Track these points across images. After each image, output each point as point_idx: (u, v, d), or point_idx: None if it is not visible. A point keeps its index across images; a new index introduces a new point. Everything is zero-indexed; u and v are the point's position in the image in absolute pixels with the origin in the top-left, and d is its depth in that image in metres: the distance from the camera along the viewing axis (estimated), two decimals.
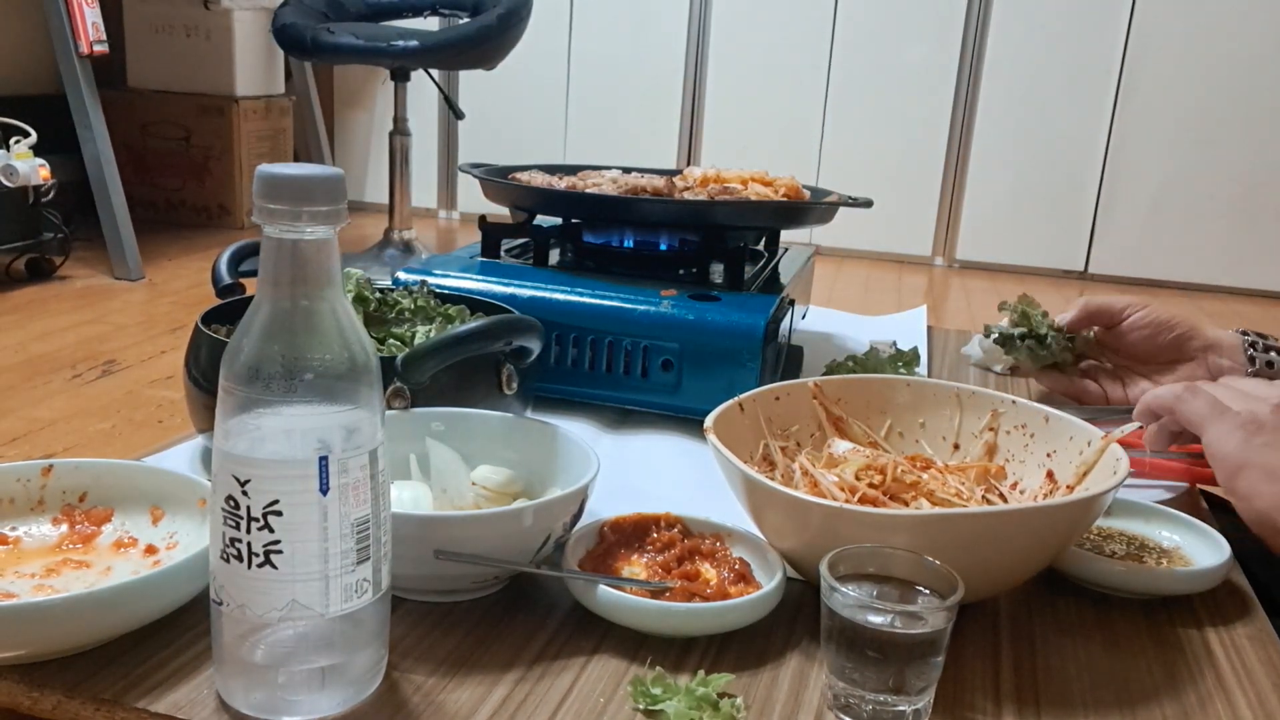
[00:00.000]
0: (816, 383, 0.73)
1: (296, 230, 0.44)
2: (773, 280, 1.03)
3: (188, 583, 0.53)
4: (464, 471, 0.64)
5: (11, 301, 2.49)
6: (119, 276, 2.72)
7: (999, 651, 0.57)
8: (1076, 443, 0.66)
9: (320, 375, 0.45)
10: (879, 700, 0.49)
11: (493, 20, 2.71)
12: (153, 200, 3.56)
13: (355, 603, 0.47)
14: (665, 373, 0.85)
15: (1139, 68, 3.26)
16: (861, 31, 3.42)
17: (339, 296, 0.46)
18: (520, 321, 0.73)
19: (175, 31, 3.47)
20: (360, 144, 4.06)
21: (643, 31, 3.65)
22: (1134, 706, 0.53)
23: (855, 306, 1.79)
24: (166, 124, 3.52)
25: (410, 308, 0.79)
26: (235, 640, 0.47)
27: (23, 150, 2.51)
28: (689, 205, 0.98)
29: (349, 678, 0.48)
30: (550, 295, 0.88)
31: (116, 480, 0.63)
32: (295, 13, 2.77)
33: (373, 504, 0.47)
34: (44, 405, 1.85)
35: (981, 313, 2.94)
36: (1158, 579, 0.63)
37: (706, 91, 3.65)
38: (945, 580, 0.50)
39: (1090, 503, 0.56)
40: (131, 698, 0.48)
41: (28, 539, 0.60)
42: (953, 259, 3.58)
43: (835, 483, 0.62)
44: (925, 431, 0.74)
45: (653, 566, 0.60)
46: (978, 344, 1.11)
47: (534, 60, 3.52)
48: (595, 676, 0.53)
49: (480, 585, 0.59)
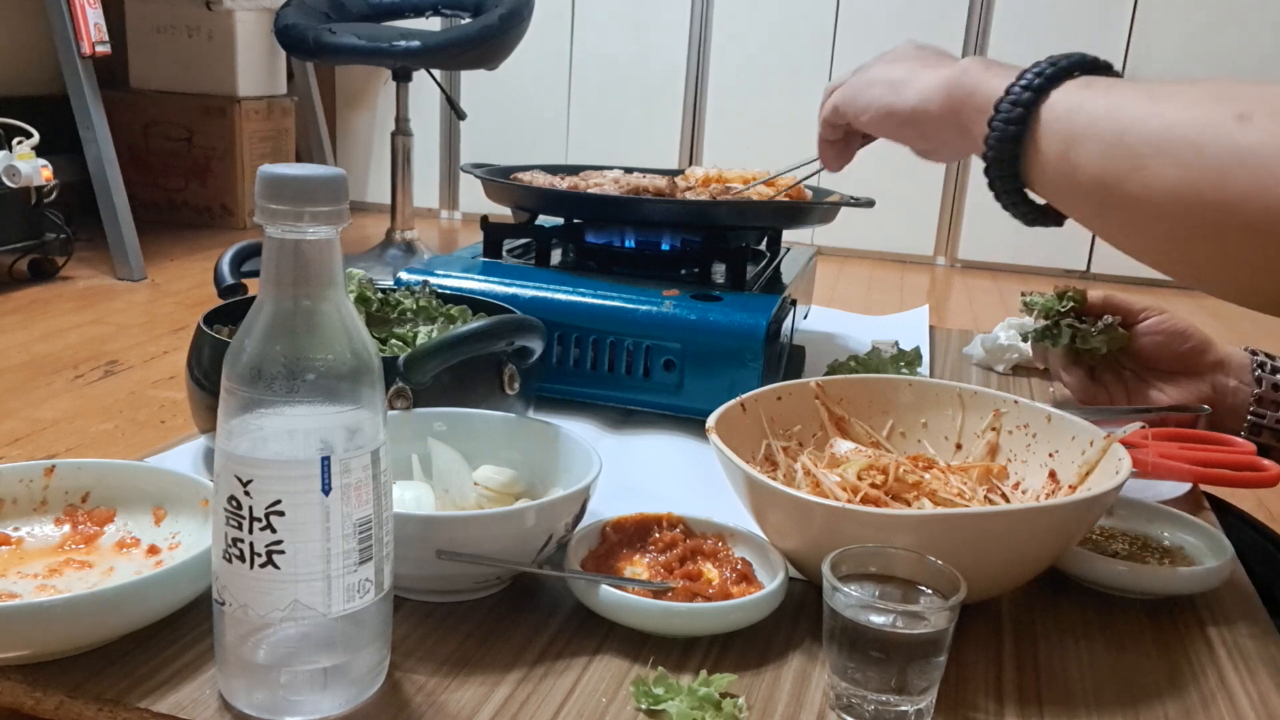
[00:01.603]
0: (819, 382, 0.73)
1: (299, 230, 0.44)
2: (775, 280, 1.03)
3: (190, 583, 0.53)
4: (466, 472, 0.64)
5: (14, 302, 2.49)
6: (121, 277, 2.72)
7: (1001, 651, 0.57)
8: (1079, 442, 0.66)
9: (322, 375, 0.45)
10: (881, 700, 0.49)
11: (494, 20, 2.71)
12: (155, 201, 3.56)
13: (357, 603, 0.47)
14: (667, 373, 0.85)
15: (1141, 66, 3.26)
16: (863, 30, 3.43)
17: (341, 297, 0.46)
18: (522, 322, 0.73)
19: (177, 32, 3.47)
20: (362, 144, 4.06)
21: (644, 31, 3.65)
22: (1136, 706, 0.53)
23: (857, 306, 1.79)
24: (168, 124, 3.52)
25: (412, 308, 0.79)
26: (237, 640, 0.47)
27: (25, 151, 2.52)
28: (691, 205, 0.98)
29: (351, 678, 0.48)
30: (552, 295, 0.88)
31: (119, 480, 0.63)
32: (297, 13, 2.77)
33: (375, 504, 0.47)
34: (46, 406, 1.85)
35: (984, 312, 2.94)
36: (1160, 579, 0.62)
37: (708, 91, 3.65)
38: (947, 580, 0.50)
39: (1093, 502, 0.56)
40: (134, 698, 0.49)
41: (30, 539, 0.60)
42: (955, 258, 3.58)
43: (837, 483, 0.62)
44: (927, 431, 0.73)
45: (655, 566, 0.60)
46: (980, 344, 1.11)
47: (536, 60, 3.52)
48: (597, 677, 0.53)
49: (482, 585, 0.59)
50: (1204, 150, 0.52)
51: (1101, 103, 0.57)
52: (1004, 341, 1.09)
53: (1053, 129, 0.59)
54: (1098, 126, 0.57)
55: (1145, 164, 0.54)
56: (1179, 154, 0.53)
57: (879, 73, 0.72)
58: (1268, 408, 0.84)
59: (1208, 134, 0.52)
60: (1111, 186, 0.57)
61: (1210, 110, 0.52)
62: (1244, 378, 0.87)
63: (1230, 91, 0.53)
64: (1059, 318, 0.93)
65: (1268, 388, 0.85)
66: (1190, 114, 0.53)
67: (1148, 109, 0.55)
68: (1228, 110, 0.51)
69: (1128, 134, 0.55)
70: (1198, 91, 0.54)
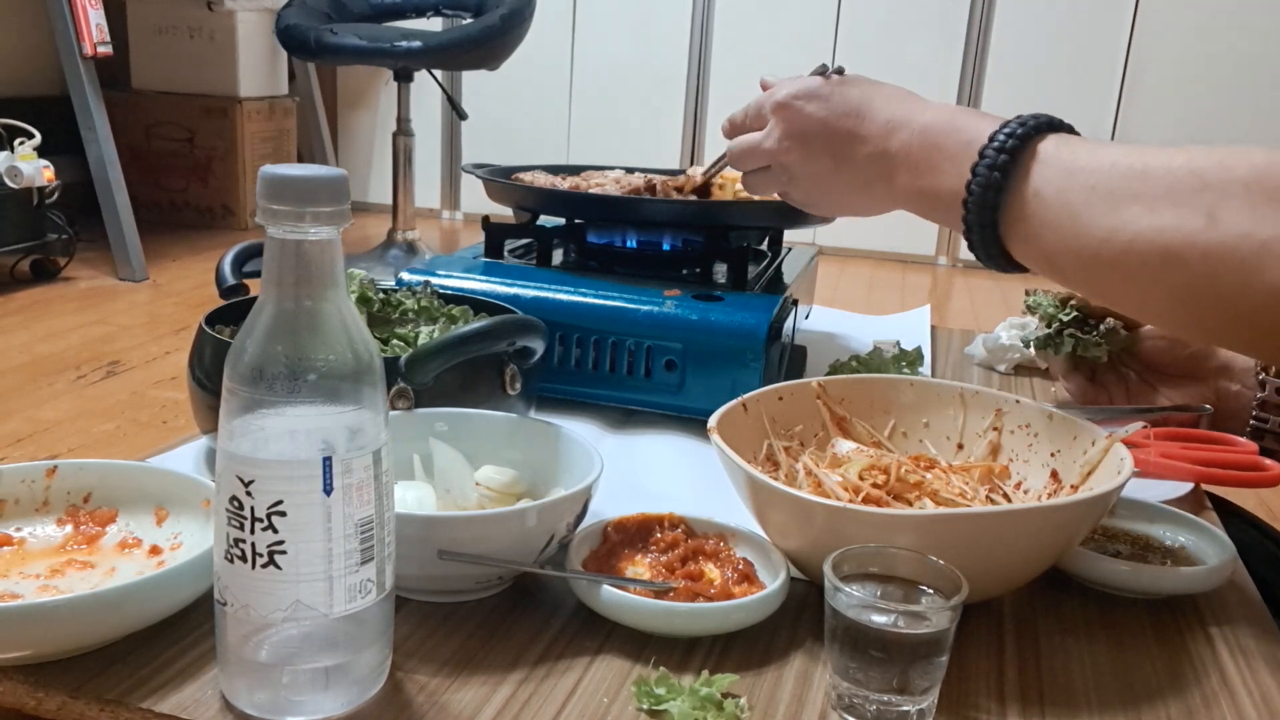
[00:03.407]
0: (820, 382, 0.73)
1: (300, 231, 0.44)
2: (776, 280, 1.03)
3: (192, 583, 0.53)
4: (468, 472, 0.64)
5: (16, 303, 2.49)
6: (123, 277, 2.73)
7: (1003, 651, 0.57)
8: (1080, 442, 0.66)
9: (324, 376, 0.45)
10: (883, 700, 0.49)
11: (496, 20, 2.71)
12: (156, 201, 3.56)
13: (359, 603, 0.47)
14: (669, 373, 0.85)
15: (1143, 64, 3.26)
16: (865, 30, 3.42)
17: (343, 297, 0.46)
18: (524, 322, 0.73)
19: (179, 33, 3.47)
20: (364, 144, 4.06)
21: (646, 31, 3.65)
22: (1138, 706, 0.53)
23: (859, 306, 1.79)
24: (170, 125, 3.52)
25: (414, 308, 0.79)
26: (239, 640, 0.47)
27: (27, 152, 2.52)
28: (692, 205, 0.98)
29: (353, 678, 0.48)
30: (553, 295, 0.88)
31: (121, 481, 0.63)
32: (299, 13, 2.77)
33: (376, 504, 0.47)
34: (48, 406, 1.85)
35: (985, 312, 2.94)
36: (1162, 579, 0.62)
37: (710, 91, 3.65)
38: (949, 580, 0.50)
39: (1094, 502, 0.56)
40: (136, 698, 0.49)
41: (32, 540, 0.60)
42: (956, 258, 3.58)
43: (839, 482, 0.62)
44: (929, 431, 0.73)
45: (656, 566, 0.60)
46: (981, 343, 1.11)
47: (537, 60, 3.52)
48: (599, 677, 0.53)
49: (484, 585, 0.59)
50: (1183, 261, 0.54)
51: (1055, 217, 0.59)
52: (1005, 341, 1.09)
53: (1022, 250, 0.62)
54: (1063, 250, 0.59)
55: (1131, 280, 0.57)
56: (1160, 271, 0.55)
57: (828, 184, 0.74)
58: (1270, 412, 0.84)
59: (1179, 243, 0.54)
60: (1100, 296, 0.62)
61: (1178, 216, 0.54)
62: (1247, 382, 0.86)
63: (1189, 181, 0.54)
64: (1061, 326, 0.93)
65: (1271, 392, 0.85)
66: (1159, 222, 0.54)
67: (1109, 221, 0.56)
68: (1193, 211, 0.53)
69: (1100, 255, 0.57)
70: (1158, 187, 0.55)
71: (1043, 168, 0.60)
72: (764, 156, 0.76)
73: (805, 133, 0.72)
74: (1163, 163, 0.55)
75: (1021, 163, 0.60)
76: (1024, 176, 0.60)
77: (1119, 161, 0.57)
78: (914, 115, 0.67)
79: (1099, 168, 0.58)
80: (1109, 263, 0.57)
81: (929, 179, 0.65)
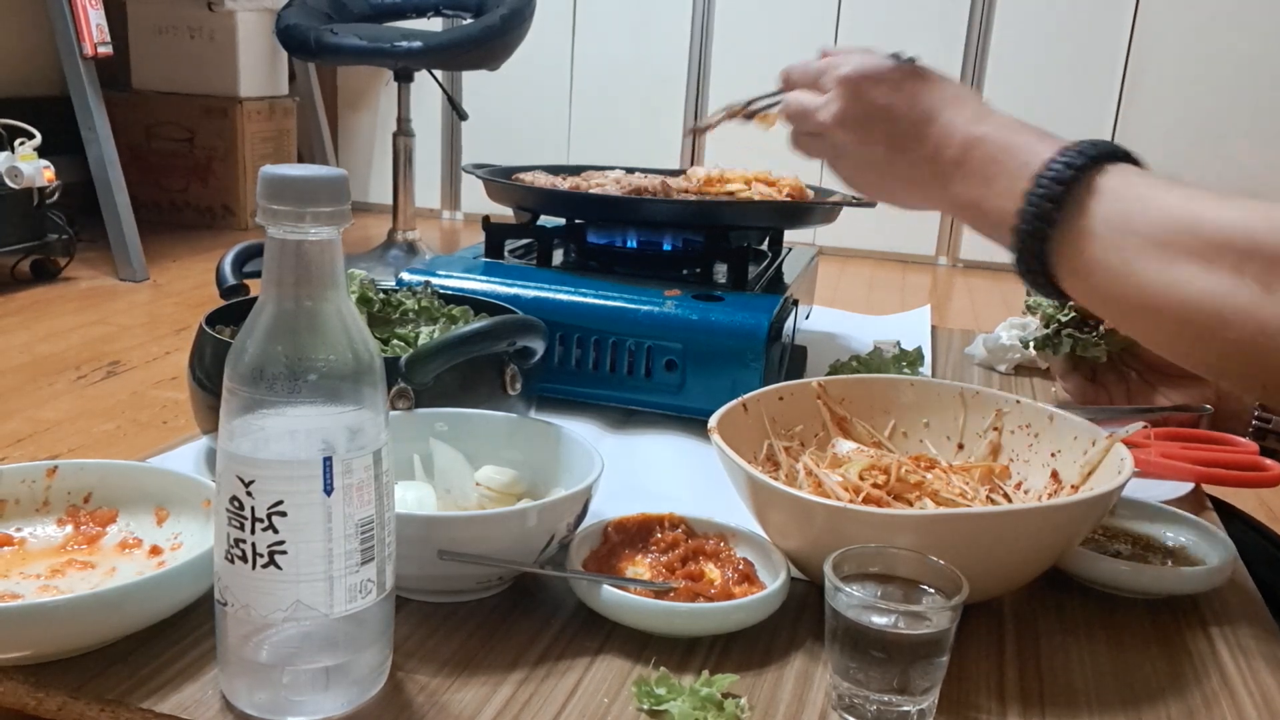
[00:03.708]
0: (820, 382, 0.73)
1: (300, 231, 0.44)
2: (776, 280, 1.03)
3: (192, 583, 0.53)
4: (468, 472, 0.64)
5: (16, 303, 2.49)
6: (123, 278, 2.73)
7: (1003, 651, 0.57)
8: (1081, 442, 0.66)
9: (324, 376, 0.45)
10: (883, 700, 0.49)
11: (496, 21, 2.71)
12: (157, 201, 3.56)
13: (359, 603, 0.47)
14: (669, 373, 0.85)
15: (1143, 64, 3.26)
16: (865, 30, 3.42)
17: (343, 297, 0.46)
18: (524, 322, 0.73)
19: (179, 33, 3.47)
20: (364, 145, 4.06)
21: (646, 31, 3.65)
22: (1138, 706, 0.53)
23: (859, 306, 1.79)
24: (170, 125, 3.52)
25: (414, 308, 0.79)
26: (239, 641, 0.47)
27: (27, 152, 2.52)
28: (692, 205, 0.98)
29: (353, 678, 0.48)
30: (554, 296, 0.88)
31: (121, 481, 0.63)
32: (299, 14, 2.78)
33: (377, 504, 0.47)
34: (49, 406, 1.85)
35: (985, 312, 2.94)
36: (1162, 579, 0.62)
37: (710, 91, 3.65)
38: (950, 580, 0.50)
39: (1095, 502, 0.56)
40: (136, 698, 0.49)
41: (33, 540, 0.60)
42: (956, 258, 3.58)
43: (839, 482, 0.62)
44: (929, 431, 0.73)
45: (657, 567, 0.60)
46: (981, 344, 1.11)
47: (537, 60, 3.52)
48: (599, 677, 0.53)
49: (484, 586, 0.59)
50: (1236, 328, 0.53)
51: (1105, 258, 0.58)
52: (1006, 341, 1.09)
53: (1069, 282, 0.61)
54: (1112, 295, 0.58)
55: (1179, 336, 0.57)
56: (1213, 334, 0.55)
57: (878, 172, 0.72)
58: (1272, 412, 0.84)
59: (1233, 311, 0.53)
60: (1148, 343, 0.62)
61: (1235, 284, 0.53)
62: None
63: (1242, 244, 0.53)
64: (1060, 326, 0.94)
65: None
66: (1213, 287, 0.54)
67: (1162, 277, 0.56)
68: (1249, 279, 0.53)
69: (1148, 306, 0.57)
70: (1211, 245, 0.54)
71: (1097, 204, 0.58)
72: (818, 126, 0.73)
73: (866, 116, 0.70)
74: (1214, 216, 0.55)
75: (1076, 196, 0.59)
76: (1078, 211, 0.59)
77: (1174, 209, 0.56)
78: (975, 124, 0.65)
79: (1153, 213, 0.57)
80: (1158, 315, 0.56)
81: (981, 193, 0.64)
